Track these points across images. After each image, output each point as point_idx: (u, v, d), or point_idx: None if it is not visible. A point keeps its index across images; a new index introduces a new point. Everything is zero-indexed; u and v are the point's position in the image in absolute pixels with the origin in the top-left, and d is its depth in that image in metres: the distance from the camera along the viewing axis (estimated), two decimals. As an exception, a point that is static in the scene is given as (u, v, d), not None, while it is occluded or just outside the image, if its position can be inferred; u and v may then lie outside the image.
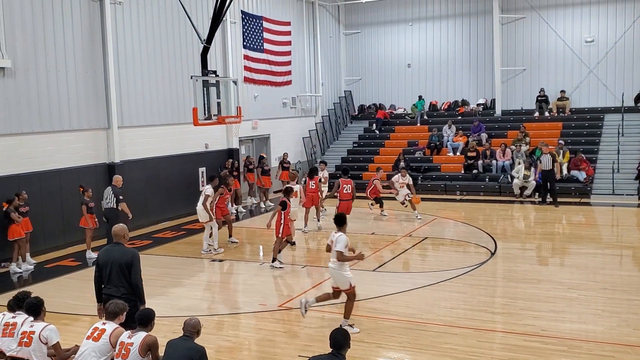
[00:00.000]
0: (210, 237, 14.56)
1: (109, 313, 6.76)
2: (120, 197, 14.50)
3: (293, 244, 14.66)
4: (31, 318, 7.01)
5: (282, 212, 12.78)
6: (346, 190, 16.10)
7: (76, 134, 16.09)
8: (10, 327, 6.96)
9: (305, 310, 9.23)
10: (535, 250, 14.79)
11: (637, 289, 11.05)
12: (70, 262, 14.28)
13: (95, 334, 6.59)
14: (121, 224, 8.01)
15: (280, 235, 12.85)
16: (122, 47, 17.35)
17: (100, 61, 16.62)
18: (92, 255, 14.50)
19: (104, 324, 6.69)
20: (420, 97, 27.49)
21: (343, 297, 9.35)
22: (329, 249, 9.28)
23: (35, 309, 6.93)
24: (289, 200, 13.11)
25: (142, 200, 17.78)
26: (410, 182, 18.52)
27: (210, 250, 14.44)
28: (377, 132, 27.37)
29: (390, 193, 18.73)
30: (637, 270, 12.86)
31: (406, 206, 18.31)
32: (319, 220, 17.09)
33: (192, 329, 6.36)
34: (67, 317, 9.83)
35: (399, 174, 18.64)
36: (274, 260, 12.85)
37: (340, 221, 9.32)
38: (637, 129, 23.13)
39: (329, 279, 11.92)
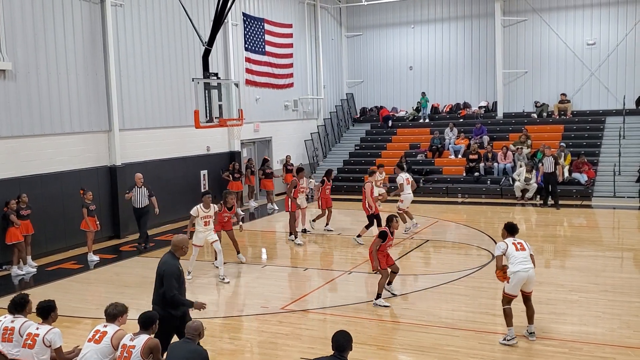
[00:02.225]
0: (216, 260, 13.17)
1: (108, 315, 6.77)
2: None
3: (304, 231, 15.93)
4: (29, 320, 7.02)
5: (382, 243, 10.49)
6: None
7: (77, 137, 16.12)
8: (8, 332, 6.96)
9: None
10: (536, 252, 14.72)
11: (638, 291, 11.03)
12: (72, 264, 14.30)
13: (96, 337, 6.60)
14: (183, 235, 7.90)
15: (380, 267, 10.54)
16: (124, 49, 17.38)
17: (102, 63, 16.65)
18: (93, 257, 14.53)
19: (105, 326, 6.70)
20: (423, 93, 27.42)
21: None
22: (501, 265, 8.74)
23: (44, 311, 6.93)
24: (390, 232, 10.65)
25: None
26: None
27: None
28: (388, 126, 27.46)
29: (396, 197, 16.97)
30: (638, 272, 12.85)
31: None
32: (327, 224, 16.87)
33: (194, 331, 6.37)
34: (69, 320, 9.84)
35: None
36: (378, 297, 10.44)
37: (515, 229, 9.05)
38: (638, 132, 23.11)
39: (330, 282, 11.95)
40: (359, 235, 15.41)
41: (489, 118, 26.27)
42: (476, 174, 23.07)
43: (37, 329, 6.80)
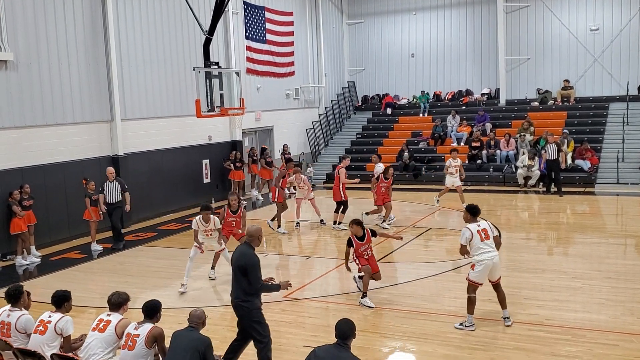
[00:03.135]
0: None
1: (112, 304, 6.79)
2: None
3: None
4: (25, 314, 7.05)
5: (353, 248, 10.25)
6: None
7: (79, 127, 16.11)
8: (5, 326, 6.99)
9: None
10: (539, 240, 14.77)
11: (642, 277, 11.04)
12: (76, 254, 14.35)
13: (100, 325, 6.64)
14: (257, 225, 7.62)
15: (360, 265, 10.30)
16: (124, 39, 17.33)
17: (103, 53, 16.60)
18: (96, 247, 14.57)
19: (108, 315, 6.73)
20: (423, 92, 27.44)
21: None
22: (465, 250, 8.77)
23: (58, 301, 6.96)
24: (355, 238, 10.20)
25: (146, 193, 17.83)
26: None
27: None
28: (389, 112, 27.50)
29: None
30: (641, 259, 12.84)
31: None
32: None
33: (197, 319, 6.39)
34: (73, 309, 9.81)
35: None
36: (364, 295, 10.14)
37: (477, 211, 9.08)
38: (642, 118, 23.04)
39: (332, 270, 11.94)
40: (338, 222, 15.65)
41: (491, 105, 26.18)
42: (479, 161, 23.02)
43: (50, 316, 6.84)
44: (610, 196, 19.61)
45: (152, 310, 6.58)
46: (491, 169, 22.63)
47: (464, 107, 26.33)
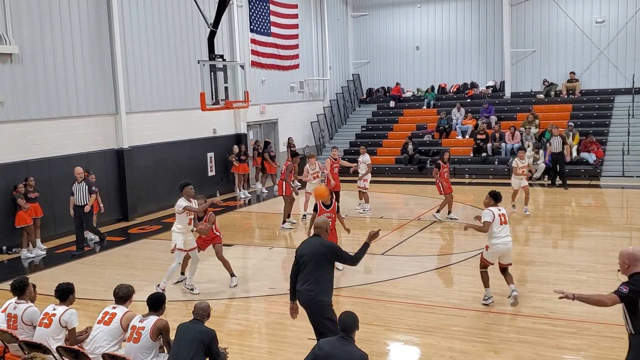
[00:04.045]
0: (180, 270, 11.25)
1: (118, 297, 6.82)
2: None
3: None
4: (32, 306, 7.08)
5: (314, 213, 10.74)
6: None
7: (84, 120, 16.13)
8: (12, 319, 7.03)
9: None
10: (544, 232, 14.75)
11: (647, 271, 11.00)
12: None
13: (106, 318, 6.67)
14: (324, 217, 7.54)
15: None
16: (129, 31, 17.31)
17: (107, 46, 16.59)
18: (92, 236, 14.54)
19: (114, 307, 6.76)
20: (432, 87, 27.40)
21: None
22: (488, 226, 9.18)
23: (62, 294, 6.97)
24: (321, 204, 10.77)
25: (151, 186, 17.87)
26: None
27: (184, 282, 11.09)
28: (392, 105, 27.46)
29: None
30: (647, 252, 12.78)
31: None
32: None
33: (202, 312, 6.41)
34: (78, 302, 9.83)
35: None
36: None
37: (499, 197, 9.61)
38: (647, 111, 22.93)
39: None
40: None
41: (496, 98, 26.10)
42: (484, 154, 22.98)
43: (54, 309, 6.87)
44: (616, 189, 19.55)
45: (157, 303, 6.60)
46: (496, 162, 22.58)
47: (469, 100, 26.25)
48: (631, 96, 23.25)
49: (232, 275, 10.95)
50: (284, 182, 15.50)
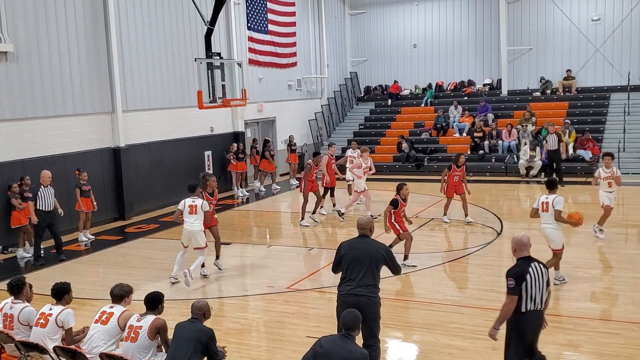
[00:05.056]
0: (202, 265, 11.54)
1: (114, 296, 6.80)
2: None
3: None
4: (28, 306, 7.04)
5: (394, 210, 11.57)
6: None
7: (80, 118, 16.08)
8: (8, 318, 6.99)
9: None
10: (540, 229, 14.72)
11: (644, 267, 11.04)
12: (77, 246, 14.37)
13: (103, 318, 6.65)
14: (368, 217, 7.31)
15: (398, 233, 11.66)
16: (125, 29, 17.27)
17: (104, 44, 16.55)
18: (83, 238, 14.51)
19: (111, 307, 6.74)
20: (429, 85, 27.41)
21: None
22: (534, 213, 10.25)
23: (58, 294, 6.92)
24: (402, 200, 11.70)
25: (148, 184, 17.85)
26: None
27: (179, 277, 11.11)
28: (389, 103, 27.48)
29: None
30: (643, 249, 12.82)
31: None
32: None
33: (199, 311, 6.39)
34: (75, 302, 9.77)
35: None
36: (405, 258, 11.46)
37: (552, 185, 10.43)
38: (644, 108, 22.97)
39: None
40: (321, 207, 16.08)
41: (493, 95, 26.13)
42: (481, 151, 23.00)
43: (51, 309, 6.84)
44: (612, 186, 19.54)
45: (154, 302, 6.58)
46: (493, 160, 22.60)
47: (466, 98, 26.26)
48: (627, 94, 23.30)
49: (218, 257, 11.72)
50: (303, 181, 15.41)
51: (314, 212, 15.78)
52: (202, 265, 11.40)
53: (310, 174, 15.52)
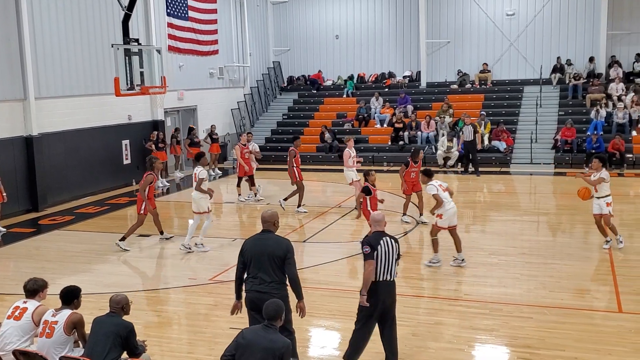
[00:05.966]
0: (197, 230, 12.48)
1: (28, 291, 6.54)
2: None
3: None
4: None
5: (367, 197, 11.74)
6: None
7: (-11, 105, 15.26)
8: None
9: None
10: (457, 218, 15.20)
11: (553, 253, 11.62)
12: (-13, 239, 13.67)
13: (16, 313, 6.39)
14: (272, 211, 7.01)
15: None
16: (38, 12, 16.47)
17: (15, 29, 15.72)
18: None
19: (25, 302, 6.48)
20: (351, 76, 27.67)
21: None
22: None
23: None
24: (372, 186, 11.84)
25: (63, 174, 17.18)
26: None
27: (190, 248, 12.24)
28: (315, 91, 27.63)
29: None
30: (553, 235, 13.49)
31: None
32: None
33: (117, 305, 6.22)
34: (-15, 297, 9.44)
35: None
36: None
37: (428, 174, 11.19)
38: (554, 101, 24.10)
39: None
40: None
41: (413, 87, 26.69)
42: (401, 142, 23.47)
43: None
44: (524, 175, 20.48)
45: (70, 296, 6.37)
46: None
47: (386, 89, 26.71)
48: (539, 87, 24.37)
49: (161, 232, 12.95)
50: (293, 168, 15.24)
51: (285, 199, 15.45)
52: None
53: (296, 159, 15.41)
